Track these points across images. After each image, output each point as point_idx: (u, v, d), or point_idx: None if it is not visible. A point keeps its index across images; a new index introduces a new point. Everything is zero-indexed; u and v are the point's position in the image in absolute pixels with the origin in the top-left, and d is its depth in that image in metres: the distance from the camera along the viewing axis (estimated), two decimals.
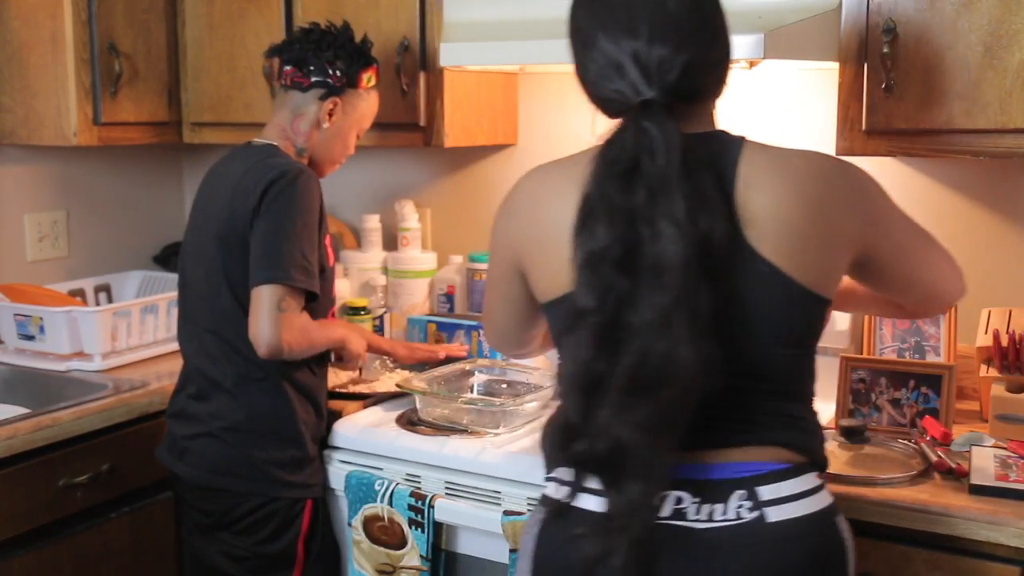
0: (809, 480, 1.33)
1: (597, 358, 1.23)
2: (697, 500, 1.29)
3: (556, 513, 1.36)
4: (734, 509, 1.28)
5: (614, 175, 1.24)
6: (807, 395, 1.39)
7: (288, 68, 2.04)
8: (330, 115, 2.04)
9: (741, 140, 1.33)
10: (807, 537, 1.30)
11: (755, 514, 1.28)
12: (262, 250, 1.86)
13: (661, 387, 1.20)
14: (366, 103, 2.10)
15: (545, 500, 1.40)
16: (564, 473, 1.35)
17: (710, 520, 1.28)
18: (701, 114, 1.35)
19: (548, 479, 1.41)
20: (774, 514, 1.29)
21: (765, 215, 1.28)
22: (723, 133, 1.35)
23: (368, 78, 2.09)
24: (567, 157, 1.40)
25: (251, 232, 1.88)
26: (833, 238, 1.33)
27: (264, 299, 1.84)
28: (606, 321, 1.23)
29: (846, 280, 1.46)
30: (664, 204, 1.21)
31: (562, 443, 1.30)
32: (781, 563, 1.29)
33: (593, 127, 2.04)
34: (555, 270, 1.34)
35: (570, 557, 1.31)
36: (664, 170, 1.22)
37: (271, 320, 1.83)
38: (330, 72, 2.02)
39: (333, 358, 2.10)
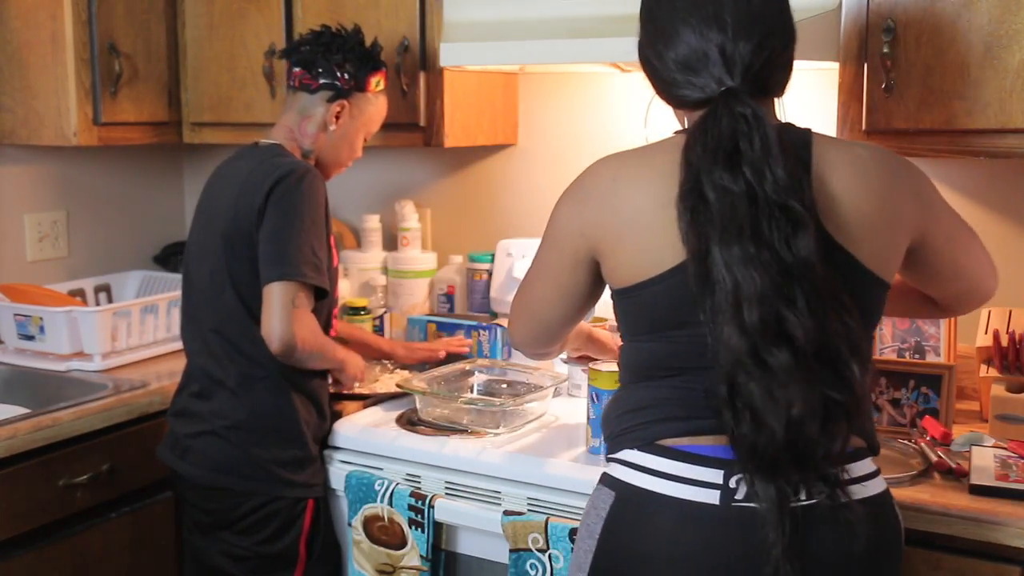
0: (871, 464, 1.37)
1: (742, 331, 1.22)
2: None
3: (629, 498, 1.34)
4: (826, 486, 1.26)
5: (719, 160, 1.26)
6: (867, 380, 1.39)
7: (297, 70, 2.05)
8: (337, 118, 2.04)
9: (809, 131, 1.38)
10: (878, 516, 1.35)
11: (837, 492, 1.27)
12: (272, 248, 1.86)
13: (831, 358, 1.22)
14: (374, 107, 2.10)
15: (615, 483, 1.37)
16: (633, 456, 1.35)
17: (810, 497, 1.27)
18: (771, 108, 1.39)
19: (611, 459, 1.41)
20: (854, 492, 1.29)
21: (838, 202, 1.31)
22: (792, 125, 1.39)
23: (376, 82, 2.09)
24: (643, 147, 1.42)
25: (258, 230, 1.88)
26: (896, 224, 1.37)
27: (276, 296, 1.84)
28: (774, 296, 1.23)
29: None
30: (770, 183, 1.25)
31: (729, 421, 1.25)
32: (859, 538, 1.29)
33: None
34: (636, 256, 1.35)
35: (647, 545, 1.31)
36: (763, 152, 1.26)
37: (284, 316, 1.83)
38: (338, 75, 2.02)
39: (330, 379, 2.10)
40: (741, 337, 1.22)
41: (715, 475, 1.30)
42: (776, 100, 1.41)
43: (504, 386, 2.21)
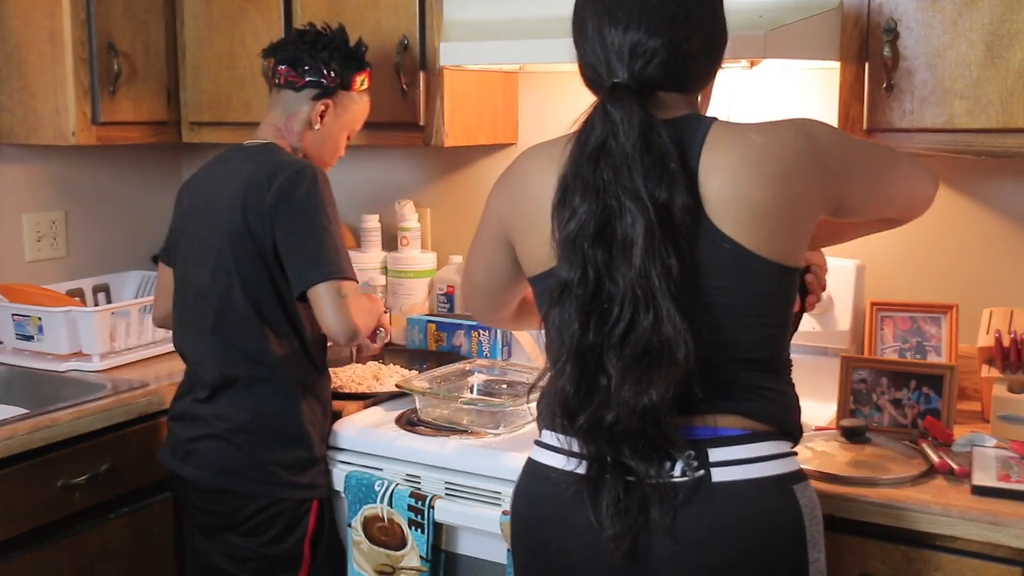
0: (769, 447, 1.37)
1: (586, 329, 1.30)
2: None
3: (545, 481, 1.42)
4: (680, 467, 1.32)
5: (585, 155, 1.32)
6: (778, 368, 1.43)
7: (283, 67, 2.05)
8: (322, 116, 2.05)
9: (710, 121, 1.37)
10: (753, 500, 1.34)
11: (700, 472, 1.33)
12: (305, 251, 1.88)
13: (663, 354, 1.27)
14: (358, 106, 2.12)
15: (527, 460, 1.48)
16: (549, 437, 1.43)
17: (659, 477, 1.32)
18: (681, 104, 1.39)
19: (536, 443, 1.47)
20: (719, 475, 1.33)
21: (724, 195, 1.32)
22: (693, 116, 1.38)
23: (361, 81, 2.10)
24: (556, 139, 1.44)
25: (272, 229, 1.89)
26: (799, 209, 1.37)
27: (325, 296, 1.87)
28: (590, 293, 1.30)
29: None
30: (626, 179, 1.28)
31: (565, 415, 1.34)
32: (720, 521, 1.33)
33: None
34: (539, 246, 1.41)
35: (557, 526, 1.39)
36: (625, 148, 1.29)
37: (340, 311, 1.87)
38: (324, 72, 2.03)
39: (353, 354, 2.16)
40: (584, 335, 1.30)
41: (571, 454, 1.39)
42: (695, 96, 1.42)
43: (504, 386, 2.20)
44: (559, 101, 2.54)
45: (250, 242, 1.91)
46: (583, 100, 1.40)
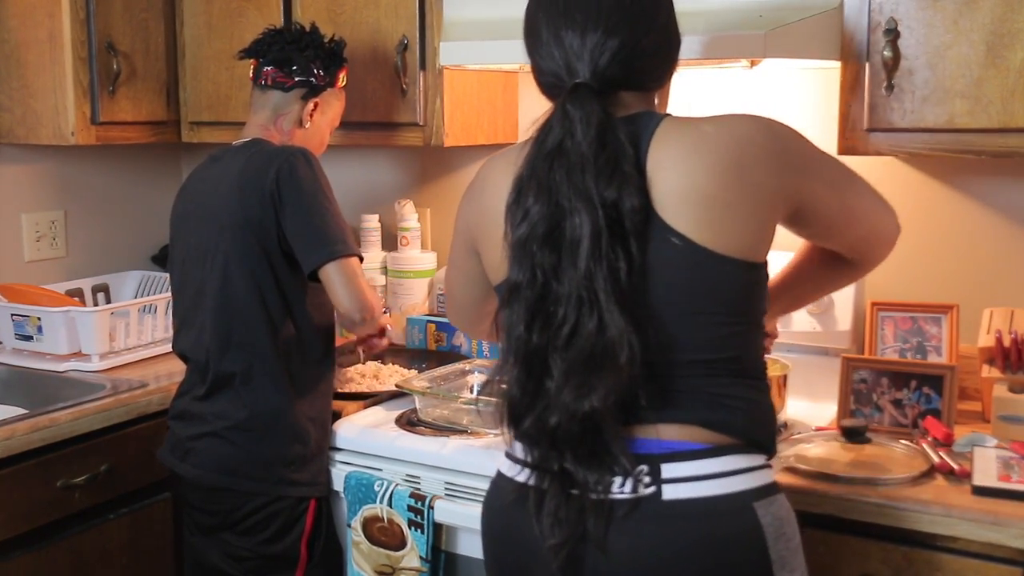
0: (732, 462, 1.30)
1: (531, 331, 1.28)
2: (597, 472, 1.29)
3: (507, 492, 1.40)
4: (632, 483, 1.28)
5: (542, 156, 1.30)
6: (746, 372, 1.36)
7: (269, 68, 2.06)
8: (311, 115, 2.07)
9: (662, 117, 1.35)
10: (707, 519, 1.28)
11: (651, 490, 1.28)
12: (312, 231, 1.90)
13: (605, 358, 1.24)
14: (340, 102, 2.15)
15: (497, 477, 1.45)
16: (519, 450, 1.38)
17: (607, 492, 1.28)
18: (640, 103, 1.38)
19: (506, 455, 1.44)
20: (671, 492, 1.28)
21: (674, 189, 1.29)
22: (647, 113, 1.36)
23: (343, 77, 2.14)
24: (516, 143, 1.43)
25: (277, 216, 1.90)
26: (757, 199, 1.32)
27: (336, 275, 1.89)
28: (537, 295, 1.28)
29: (773, 278, 1.46)
30: (578, 179, 1.26)
31: (510, 417, 1.33)
32: (670, 541, 1.27)
33: None
34: (494, 258, 1.40)
35: (520, 539, 1.37)
36: (580, 147, 1.27)
37: (353, 289, 1.90)
38: (314, 72, 2.05)
39: (361, 355, 2.21)
40: (529, 336, 1.28)
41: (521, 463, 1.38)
42: (653, 95, 1.41)
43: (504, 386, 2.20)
44: None
45: (251, 233, 1.91)
46: None
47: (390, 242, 2.73)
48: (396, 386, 2.14)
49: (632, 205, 1.26)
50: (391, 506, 1.91)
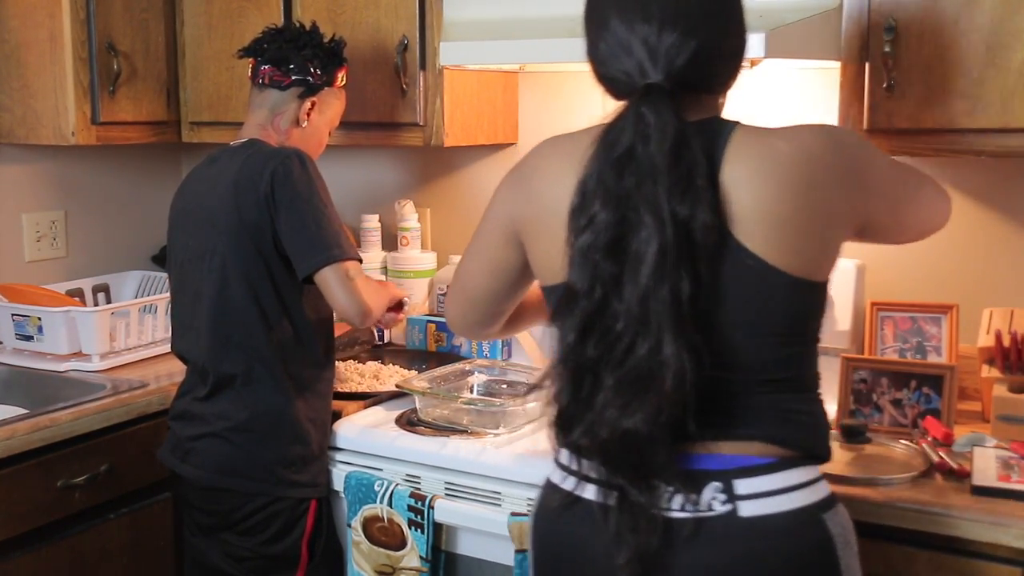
0: (797, 475, 1.30)
1: (585, 343, 1.24)
2: (671, 489, 1.27)
3: (554, 499, 1.37)
4: (707, 501, 1.26)
5: (611, 160, 1.24)
6: (806, 386, 1.36)
7: (266, 67, 2.06)
8: (308, 114, 2.07)
9: (733, 126, 1.31)
10: (786, 534, 1.28)
11: (728, 507, 1.26)
12: (307, 235, 1.89)
13: (653, 380, 1.20)
14: (339, 101, 2.14)
15: (546, 485, 1.41)
16: (566, 458, 1.36)
17: (682, 510, 1.27)
18: (708, 105, 1.34)
19: (555, 461, 1.41)
20: (748, 508, 1.27)
21: (749, 208, 1.26)
22: (717, 119, 1.33)
23: (341, 77, 2.13)
24: (574, 133, 1.37)
25: (272, 218, 1.90)
26: (827, 221, 1.31)
27: (332, 279, 1.89)
28: (594, 307, 1.24)
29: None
30: (649, 191, 1.21)
31: (561, 427, 1.30)
32: (754, 559, 1.27)
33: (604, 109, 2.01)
34: (554, 253, 1.32)
35: (567, 546, 1.34)
36: (654, 157, 1.22)
37: (349, 292, 1.89)
38: (311, 71, 2.05)
39: (376, 334, 2.24)
40: (582, 348, 1.24)
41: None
42: (721, 96, 1.37)
43: (504, 386, 2.20)
44: (559, 101, 2.54)
45: (247, 235, 1.91)
46: (583, 100, 1.40)
47: (390, 242, 2.73)
48: (396, 386, 2.14)
49: (705, 222, 1.22)
50: (391, 506, 1.91)
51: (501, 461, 1.86)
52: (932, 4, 1.79)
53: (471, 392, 2.19)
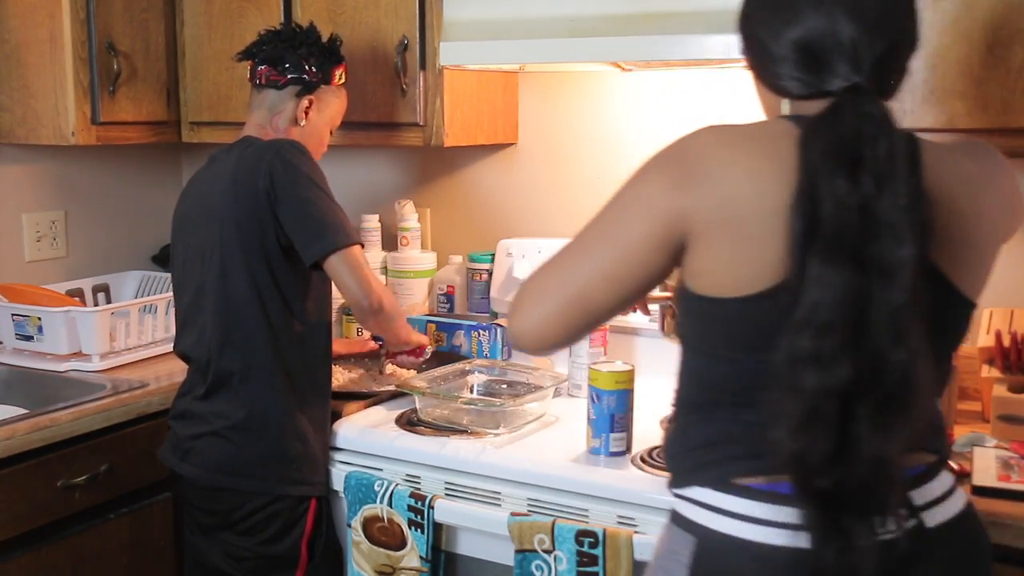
0: (945, 478, 1.28)
1: (839, 364, 1.09)
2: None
3: (711, 546, 1.22)
4: (891, 519, 1.16)
5: (842, 164, 1.11)
6: (939, 392, 1.34)
7: (263, 67, 2.06)
8: (306, 113, 2.07)
9: (916, 139, 1.24)
10: (961, 537, 1.26)
11: (913, 521, 1.20)
12: (310, 222, 1.89)
13: (907, 400, 1.11)
14: (338, 100, 2.14)
15: (692, 527, 1.24)
16: (707, 496, 1.23)
17: (879, 535, 1.15)
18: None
19: (678, 496, 1.28)
20: (931, 518, 1.22)
21: (942, 229, 1.20)
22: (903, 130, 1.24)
23: (339, 75, 2.12)
24: (749, 126, 1.25)
25: (273, 208, 1.90)
26: (993, 241, 1.29)
27: (341, 265, 1.89)
28: (848, 322, 1.10)
29: None
30: (890, 196, 1.11)
31: (798, 473, 1.13)
32: (949, 568, 1.23)
33: (611, 111, 1.97)
34: (732, 264, 1.18)
35: None
36: (890, 161, 1.12)
37: (357, 277, 1.90)
38: (306, 69, 2.05)
39: (385, 366, 2.22)
40: (836, 371, 1.10)
41: (796, 515, 1.16)
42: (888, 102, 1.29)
43: (504, 386, 2.20)
44: (559, 101, 2.54)
45: (248, 230, 1.91)
46: (583, 101, 1.39)
47: (390, 242, 2.73)
48: (396, 386, 2.14)
49: (922, 240, 1.14)
50: (391, 506, 1.91)
51: (501, 461, 1.86)
52: (932, 4, 1.79)
53: (471, 392, 2.19)
